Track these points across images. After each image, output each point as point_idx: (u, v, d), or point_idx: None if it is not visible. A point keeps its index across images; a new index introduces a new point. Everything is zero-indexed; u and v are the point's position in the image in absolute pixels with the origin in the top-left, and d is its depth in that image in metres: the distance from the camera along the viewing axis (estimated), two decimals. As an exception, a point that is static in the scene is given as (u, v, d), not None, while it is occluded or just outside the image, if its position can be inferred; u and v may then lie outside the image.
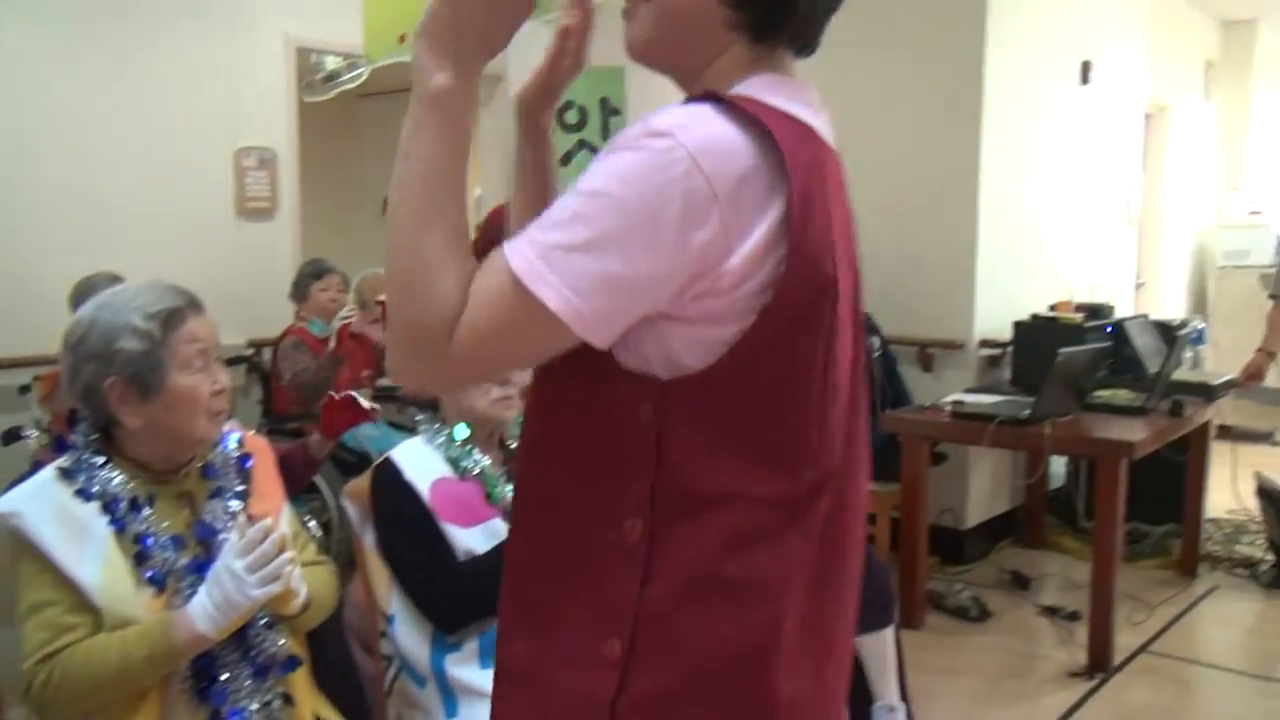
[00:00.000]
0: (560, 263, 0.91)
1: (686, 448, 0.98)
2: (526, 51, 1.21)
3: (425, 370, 0.99)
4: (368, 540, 2.03)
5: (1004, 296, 4.62)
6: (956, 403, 3.90)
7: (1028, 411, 3.59)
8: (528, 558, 1.09)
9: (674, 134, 0.92)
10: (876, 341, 4.33)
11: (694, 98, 0.99)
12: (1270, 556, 4.41)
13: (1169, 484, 4.46)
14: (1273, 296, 4.66)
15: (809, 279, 0.97)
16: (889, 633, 2.57)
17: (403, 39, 1.87)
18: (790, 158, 0.95)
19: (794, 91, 1.04)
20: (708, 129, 0.94)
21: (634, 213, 0.91)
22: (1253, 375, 4.54)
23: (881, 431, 3.91)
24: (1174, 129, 7.09)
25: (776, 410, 1.00)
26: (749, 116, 0.95)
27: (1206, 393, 4.17)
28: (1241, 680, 3.46)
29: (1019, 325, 4.48)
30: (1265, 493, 4.39)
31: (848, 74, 4.58)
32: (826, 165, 1.03)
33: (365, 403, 2.75)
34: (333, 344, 4.11)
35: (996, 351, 4.60)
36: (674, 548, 0.99)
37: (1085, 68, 5.12)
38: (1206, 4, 7.29)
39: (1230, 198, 7.72)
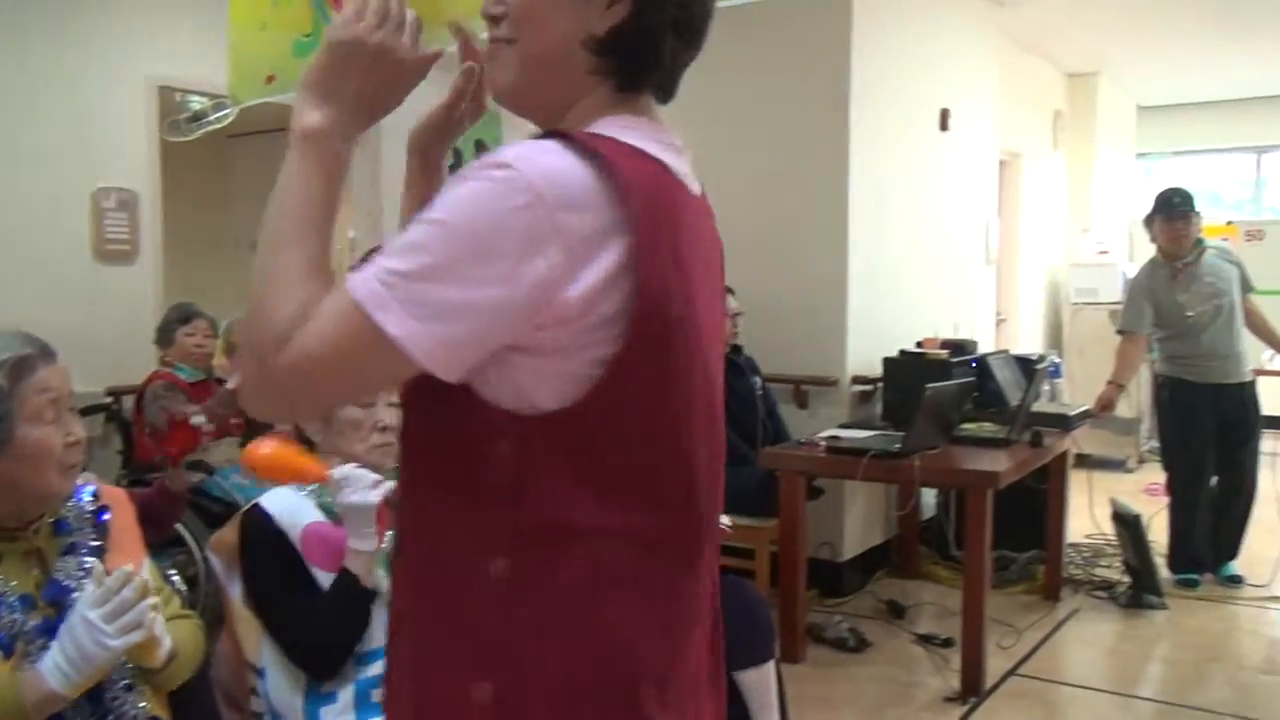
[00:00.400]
0: (400, 289, 0.91)
1: (547, 484, 0.98)
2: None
3: (260, 394, 0.97)
4: (234, 592, 1.95)
5: (874, 334, 4.76)
6: (831, 438, 3.99)
7: (898, 445, 3.69)
8: (406, 601, 1.08)
9: (515, 165, 0.93)
10: (758, 381, 4.40)
11: (542, 134, 1.01)
12: (1126, 578, 4.61)
13: (1032, 512, 4.63)
14: (1120, 331, 4.92)
15: (657, 314, 0.97)
16: (770, 667, 2.59)
17: (271, 79, 1.83)
18: (634, 192, 0.96)
19: (652, 132, 1.06)
20: (549, 160, 0.95)
21: (473, 241, 0.92)
22: (1105, 406, 4.76)
23: (760, 468, 3.97)
24: (1027, 175, 7.46)
25: (635, 445, 1.00)
26: (592, 150, 0.96)
27: (1064, 423, 4.36)
28: (1104, 698, 3.59)
29: (888, 362, 4.61)
30: (1120, 517, 4.60)
31: (721, 122, 4.72)
32: (681, 203, 1.04)
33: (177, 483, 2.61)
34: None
35: (868, 388, 4.72)
36: (540, 586, 0.98)
37: (944, 115, 5.35)
38: (1053, 58, 7.72)
39: (1080, 239, 8.15)
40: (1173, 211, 4.69)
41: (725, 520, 2.45)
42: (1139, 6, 6.40)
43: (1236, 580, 4.75)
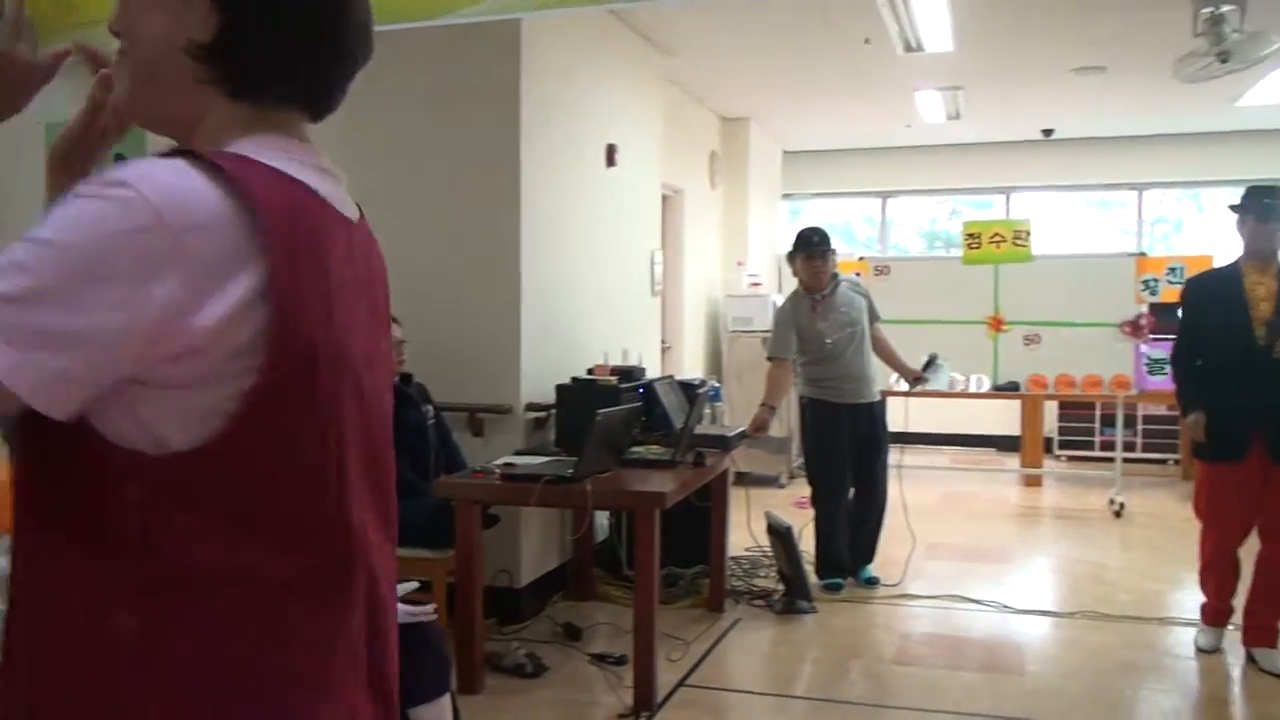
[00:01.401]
0: None
1: (180, 530, 0.90)
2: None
3: None
4: None
5: (548, 362, 4.84)
6: (506, 465, 4.01)
7: (572, 470, 3.77)
8: (21, 664, 0.95)
9: (134, 184, 0.87)
10: (430, 410, 4.33)
11: (168, 152, 0.95)
12: (781, 586, 4.96)
13: (696, 528, 4.87)
14: (770, 358, 5.31)
15: (298, 344, 0.93)
16: (445, 701, 2.55)
17: None
18: (269, 215, 0.92)
19: (297, 152, 1.01)
20: (172, 180, 0.89)
21: (84, 263, 0.84)
22: (759, 427, 5.12)
23: (434, 498, 3.91)
24: (688, 210, 7.90)
25: (277, 483, 0.95)
26: (221, 170, 0.91)
27: (724, 444, 4.64)
28: (763, 700, 3.84)
29: (561, 389, 4.71)
30: (773, 530, 4.95)
31: (397, 152, 4.68)
32: (328, 228, 1.01)
33: None
34: None
35: (542, 414, 4.79)
36: (172, 642, 0.91)
37: (610, 151, 5.56)
38: (709, 103, 8.25)
39: (735, 271, 8.73)
40: (811, 249, 5.13)
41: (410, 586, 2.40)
42: (781, 64, 6.99)
43: (874, 582, 5.24)
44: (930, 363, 5.41)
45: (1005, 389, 7.48)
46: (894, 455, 5.42)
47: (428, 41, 4.62)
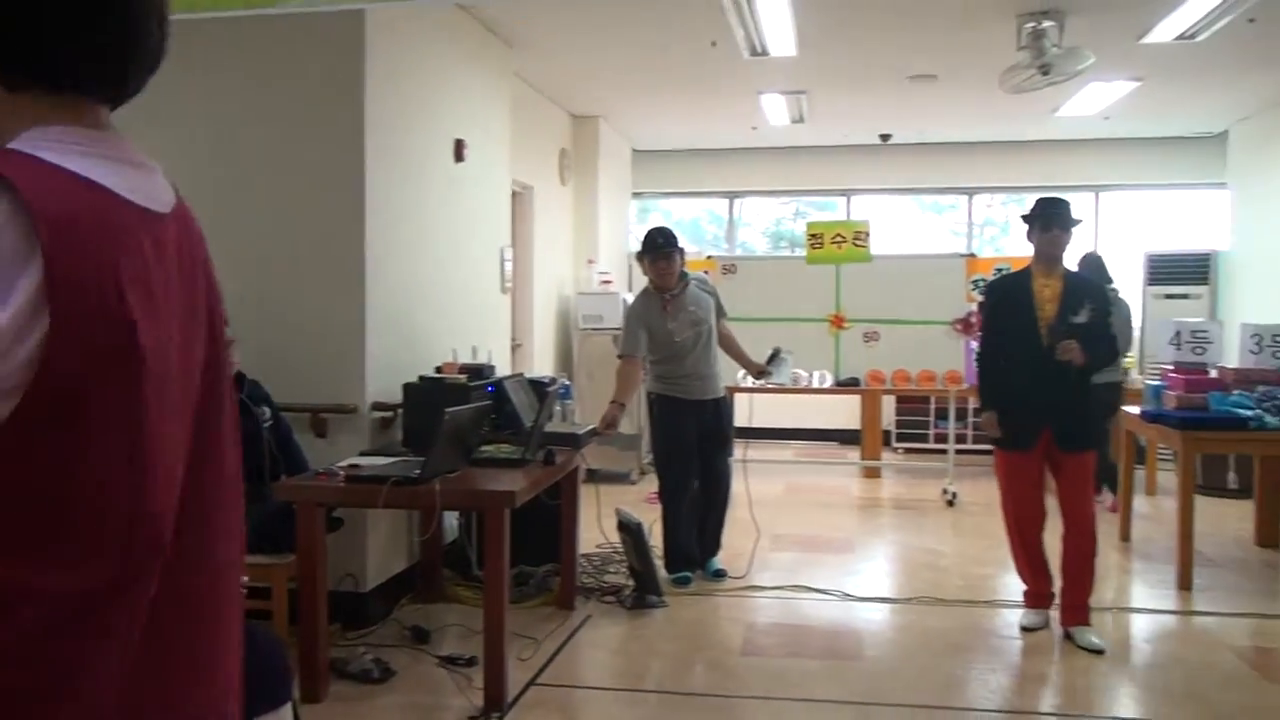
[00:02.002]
0: None
1: None
2: None
3: None
4: None
5: (394, 360, 4.74)
6: (351, 466, 3.91)
7: (419, 470, 3.70)
8: None
9: None
10: (267, 411, 4.18)
11: None
12: (631, 582, 5.00)
13: (547, 527, 4.87)
14: (621, 355, 5.35)
15: (84, 348, 0.88)
16: (286, 710, 2.47)
17: None
18: (42, 214, 0.87)
19: (93, 145, 0.96)
20: None
21: None
22: (609, 424, 5.14)
23: (274, 501, 3.78)
24: (538, 207, 7.87)
25: (63, 495, 0.89)
26: None
27: (574, 441, 4.64)
28: (614, 695, 3.86)
29: (409, 388, 4.62)
30: (624, 526, 4.98)
31: (235, 147, 4.48)
32: (126, 225, 0.95)
33: None
34: None
35: (388, 414, 4.69)
36: None
37: (459, 146, 5.48)
38: (559, 100, 8.24)
39: (586, 269, 8.75)
40: (658, 251, 5.21)
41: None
42: (630, 64, 7.04)
43: (720, 574, 5.35)
44: (774, 356, 5.57)
45: (846, 384, 7.74)
46: (739, 450, 5.54)
47: (269, 32, 4.47)
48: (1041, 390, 4.37)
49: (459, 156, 5.49)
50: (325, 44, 4.52)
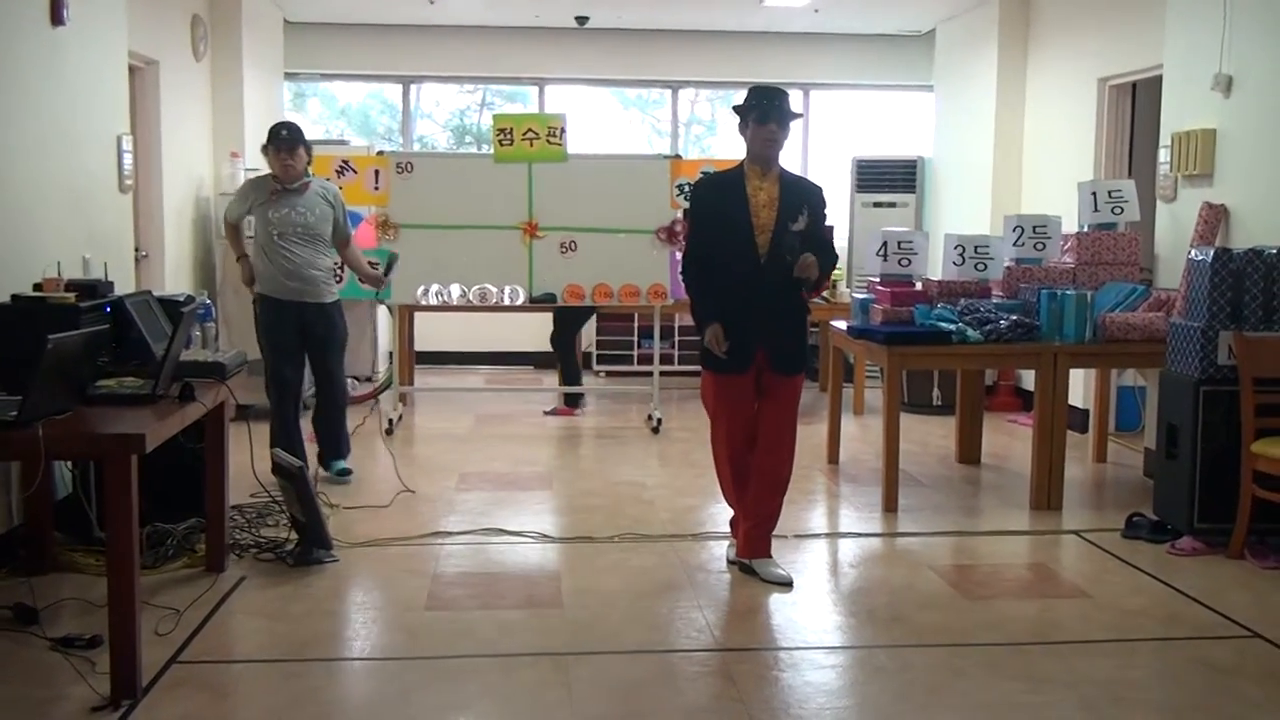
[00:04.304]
0: None
1: None
2: None
3: None
4: None
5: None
6: (-78, 411, 3.52)
7: (15, 413, 3.40)
8: None
9: None
10: None
11: None
12: (294, 535, 4.88)
13: (188, 476, 4.67)
14: (226, 220, 6.10)
15: None
16: None
17: None
18: None
19: None
20: None
21: None
22: (249, 281, 5.73)
23: None
24: (166, 87, 7.33)
25: None
26: None
27: (220, 372, 4.42)
28: (276, 668, 3.76)
29: (-1, 309, 4.23)
30: (282, 470, 4.83)
31: None
32: None
33: None
34: None
35: (-28, 343, 4.27)
36: None
37: (56, 6, 4.99)
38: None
39: (229, 164, 8.27)
40: (280, 142, 5.79)
41: None
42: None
43: (346, 474, 6.12)
44: (390, 265, 6.37)
45: (541, 301, 7.82)
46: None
47: None
48: (757, 307, 4.45)
49: (57, 18, 5.01)
50: None
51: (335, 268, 6.13)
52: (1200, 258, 5.15)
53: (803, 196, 4.54)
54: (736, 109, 4.56)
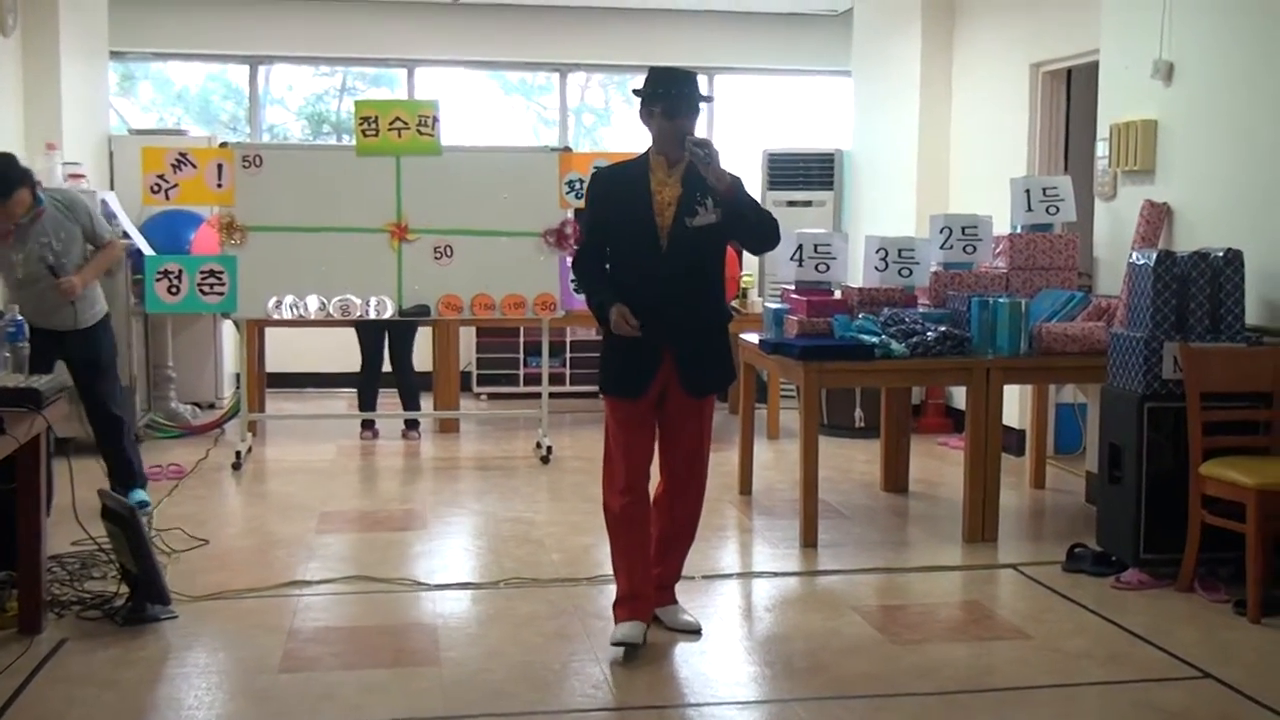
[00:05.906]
0: None
1: None
2: None
3: None
4: None
5: None
6: None
7: None
8: None
9: None
10: None
11: None
12: (125, 588, 4.76)
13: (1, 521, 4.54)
14: None
15: None
16: None
17: None
18: None
19: None
20: None
21: None
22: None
23: None
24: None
25: None
26: None
27: (34, 399, 4.30)
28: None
29: None
30: (112, 514, 4.72)
31: None
32: None
33: None
34: None
35: None
36: None
37: None
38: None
39: (45, 157, 8.07)
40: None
41: None
42: None
43: (144, 505, 6.21)
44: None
45: (413, 314, 7.77)
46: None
47: None
48: (661, 318, 4.33)
49: None
50: None
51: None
52: (1142, 261, 5.32)
53: (709, 187, 4.34)
54: (637, 93, 4.43)
